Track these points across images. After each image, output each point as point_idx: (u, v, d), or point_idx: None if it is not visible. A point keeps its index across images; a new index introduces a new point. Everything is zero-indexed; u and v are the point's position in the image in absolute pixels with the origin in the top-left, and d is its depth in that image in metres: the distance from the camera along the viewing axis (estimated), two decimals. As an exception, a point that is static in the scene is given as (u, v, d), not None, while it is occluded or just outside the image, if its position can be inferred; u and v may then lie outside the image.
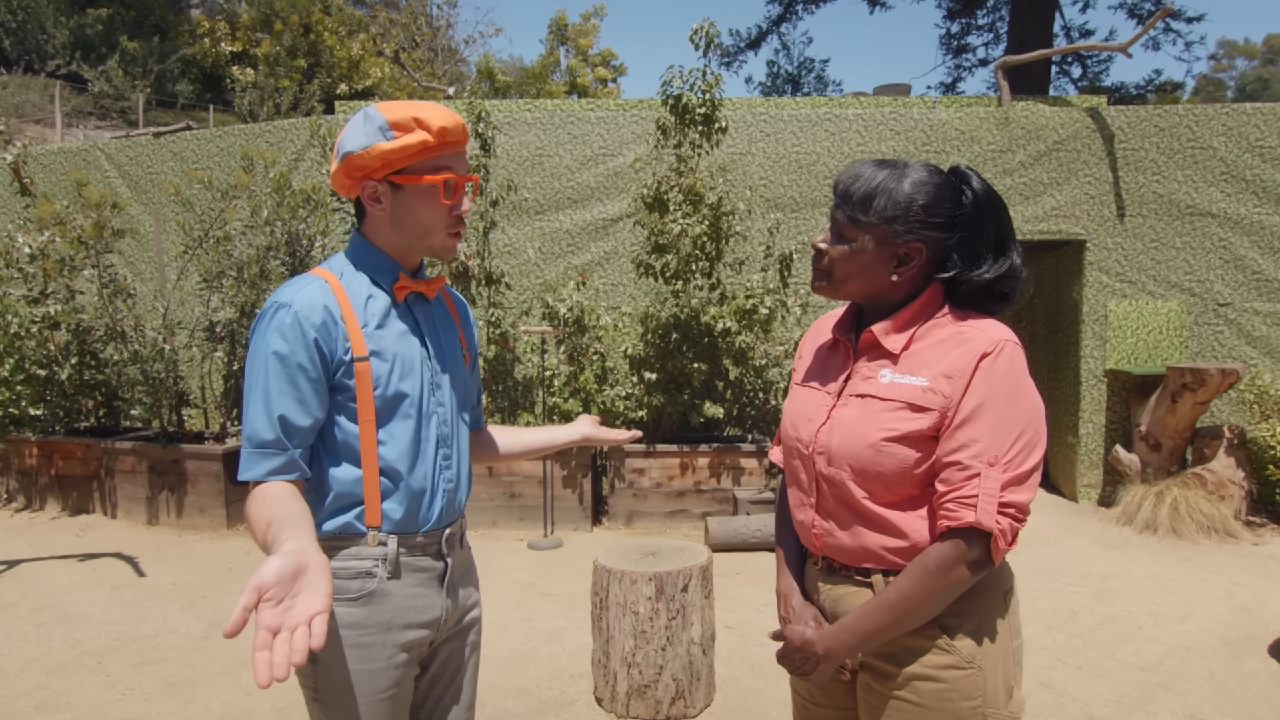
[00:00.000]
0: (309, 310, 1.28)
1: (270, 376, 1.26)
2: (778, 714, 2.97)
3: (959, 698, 1.25)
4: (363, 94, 19.16)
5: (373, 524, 1.34)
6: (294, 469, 1.28)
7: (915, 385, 1.25)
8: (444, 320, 1.50)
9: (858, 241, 1.29)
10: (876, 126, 6.37)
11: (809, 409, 1.39)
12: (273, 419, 1.26)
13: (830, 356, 1.43)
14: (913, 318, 1.31)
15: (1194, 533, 5.21)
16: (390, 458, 1.34)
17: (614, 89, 23.06)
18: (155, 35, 20.05)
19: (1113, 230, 6.27)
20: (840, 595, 1.36)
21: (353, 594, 1.33)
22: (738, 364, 5.80)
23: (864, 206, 1.27)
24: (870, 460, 1.26)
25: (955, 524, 1.19)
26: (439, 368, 1.43)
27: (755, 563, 4.77)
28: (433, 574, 1.41)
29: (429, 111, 1.30)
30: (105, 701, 3.09)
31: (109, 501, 5.85)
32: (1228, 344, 6.21)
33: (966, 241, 1.28)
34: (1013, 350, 1.23)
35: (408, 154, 1.30)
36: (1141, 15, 13.63)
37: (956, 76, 16.53)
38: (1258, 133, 6.15)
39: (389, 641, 1.34)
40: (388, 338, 1.36)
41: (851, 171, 1.30)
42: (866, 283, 1.31)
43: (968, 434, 1.20)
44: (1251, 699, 3.07)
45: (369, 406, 1.32)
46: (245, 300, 5.58)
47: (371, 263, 1.39)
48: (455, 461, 1.45)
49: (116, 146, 6.94)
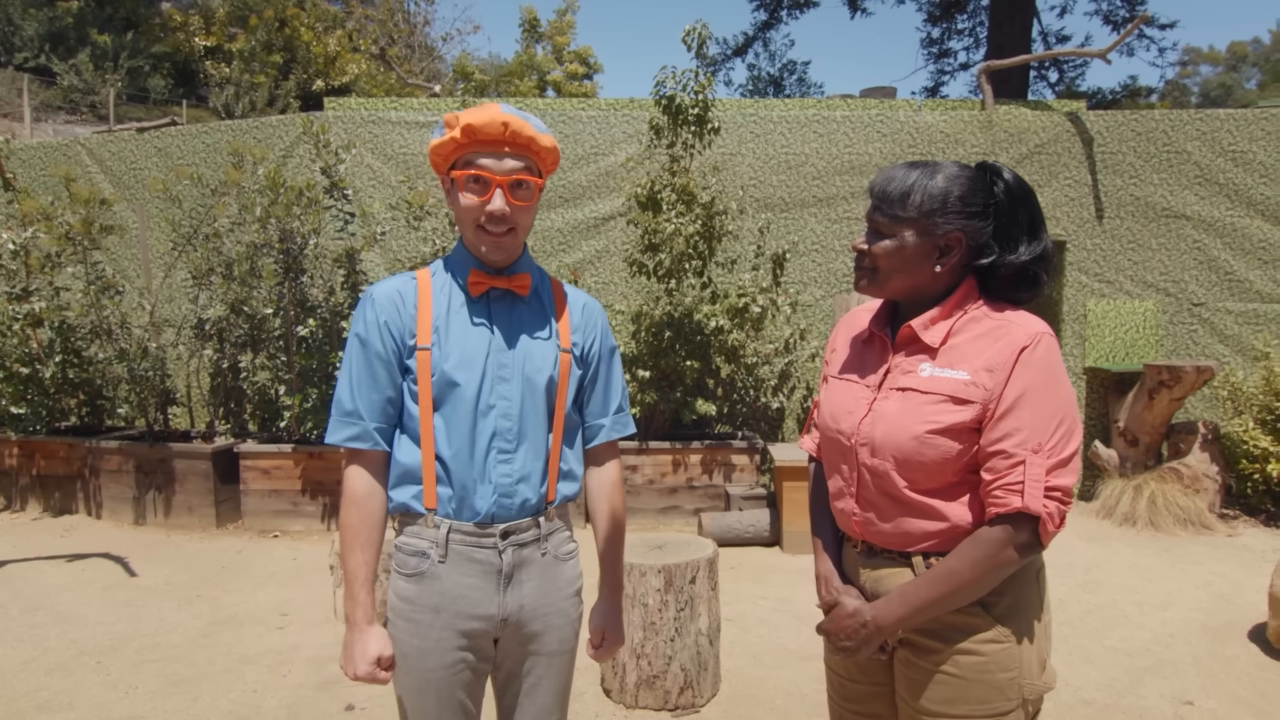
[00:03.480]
0: (384, 299, 1.43)
1: (352, 355, 1.43)
2: (782, 702, 3.04)
3: (997, 669, 1.32)
4: (340, 90, 18.96)
5: (429, 506, 1.40)
6: (368, 439, 1.40)
7: (957, 379, 1.30)
8: (535, 318, 1.50)
9: (898, 237, 1.34)
10: (864, 128, 6.48)
11: (849, 402, 1.44)
12: (352, 392, 1.41)
13: (866, 350, 1.48)
14: (949, 311, 1.36)
15: (1171, 525, 5.37)
16: (443, 444, 1.40)
17: (589, 86, 22.98)
18: (127, 29, 19.68)
19: (1092, 232, 6.43)
20: (881, 576, 1.41)
21: (410, 570, 1.41)
22: (729, 362, 5.87)
23: (902, 203, 1.33)
24: (914, 451, 1.31)
25: (1004, 510, 1.25)
26: (509, 363, 1.44)
27: (749, 558, 4.84)
28: (489, 568, 1.42)
29: (472, 110, 1.37)
30: (109, 701, 3.06)
31: (94, 502, 5.76)
32: (1201, 342, 6.40)
33: (1003, 228, 1.34)
34: (1049, 342, 1.30)
35: (444, 151, 1.39)
36: (1117, 22, 13.96)
37: (938, 80, 16.79)
38: (1230, 137, 6.34)
39: (438, 624, 1.40)
40: (453, 329, 1.42)
41: (885, 174, 1.36)
42: (910, 277, 1.36)
43: (1011, 424, 1.26)
44: (1235, 682, 3.20)
45: (427, 392, 1.40)
46: (235, 297, 5.54)
47: (457, 259, 1.49)
48: (520, 459, 1.44)
49: (99, 141, 6.83)
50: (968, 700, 1.33)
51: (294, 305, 5.47)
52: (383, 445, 1.42)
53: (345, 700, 3.04)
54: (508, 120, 1.36)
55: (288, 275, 5.42)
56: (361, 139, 6.39)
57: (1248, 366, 6.26)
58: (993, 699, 1.32)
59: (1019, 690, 1.32)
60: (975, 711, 1.32)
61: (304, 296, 5.50)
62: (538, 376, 1.46)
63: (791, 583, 4.39)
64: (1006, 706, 1.32)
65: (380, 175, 6.47)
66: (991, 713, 1.32)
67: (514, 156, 1.39)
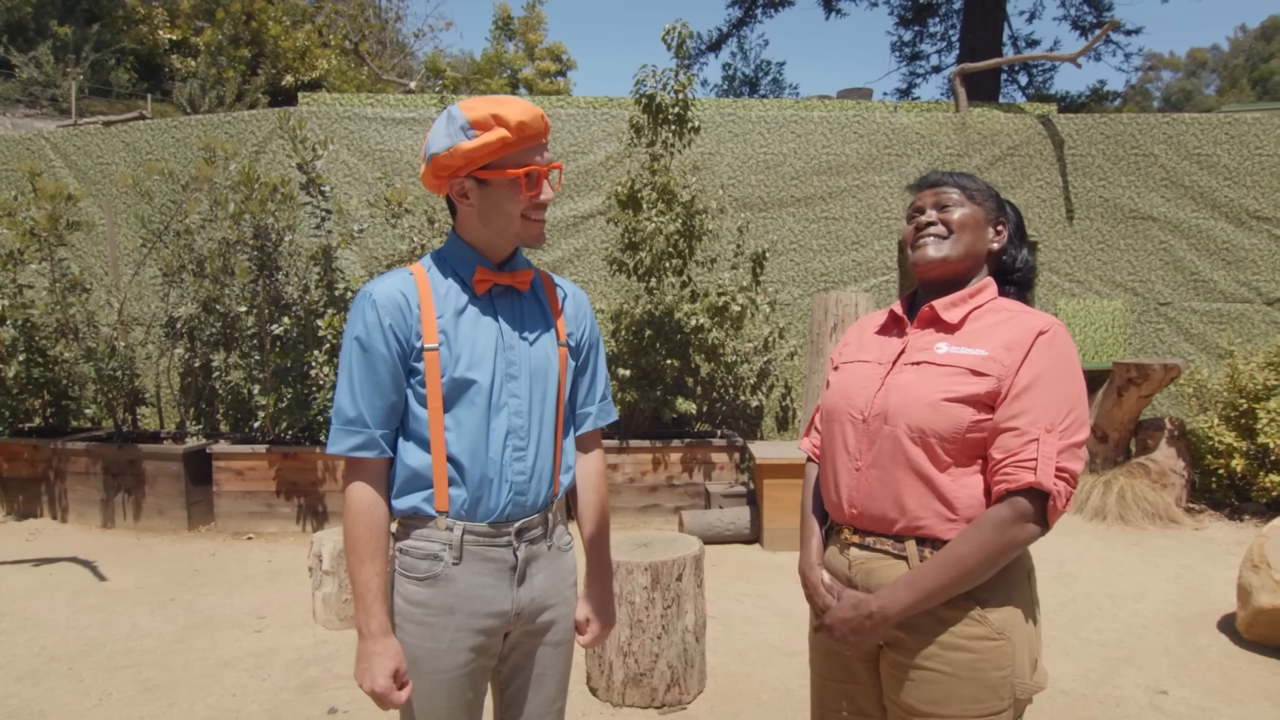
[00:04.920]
0: (386, 299, 1.36)
1: (352, 359, 1.36)
2: (768, 698, 3.05)
3: (990, 667, 1.31)
4: (310, 85, 18.66)
5: (441, 509, 1.38)
6: (374, 447, 1.36)
7: (975, 354, 1.35)
8: (535, 314, 1.49)
9: (966, 206, 1.45)
10: (841, 129, 6.54)
11: (860, 378, 1.48)
12: (354, 398, 1.35)
13: (881, 338, 1.53)
14: (971, 297, 1.43)
15: (1140, 519, 5.49)
16: (456, 445, 1.37)
17: (562, 84, 22.86)
18: (89, 21, 19.20)
19: (1062, 232, 6.56)
20: (874, 568, 1.41)
21: (420, 574, 1.38)
22: (709, 360, 5.89)
23: (967, 181, 1.46)
24: (927, 419, 1.33)
25: (1014, 486, 1.26)
26: (517, 360, 1.43)
27: (729, 555, 4.86)
28: (503, 565, 1.41)
29: (508, 107, 1.33)
30: (81, 708, 2.99)
31: (59, 505, 5.62)
32: (1168, 341, 6.56)
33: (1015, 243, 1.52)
34: (1065, 333, 1.34)
35: (489, 151, 1.34)
36: (1084, 27, 14.27)
37: (910, 82, 17.00)
38: (1195, 141, 6.51)
39: (451, 625, 1.38)
40: (461, 328, 1.39)
41: (937, 171, 1.51)
42: (975, 242, 1.45)
43: (1025, 403, 1.29)
44: (1206, 671, 3.28)
45: (437, 393, 1.37)
46: (208, 295, 5.43)
47: (457, 256, 1.44)
48: (531, 455, 1.44)
49: (63, 135, 6.66)
50: (959, 699, 1.32)
51: (268, 303, 5.37)
52: (389, 452, 1.39)
53: (328, 703, 3.00)
54: (541, 112, 1.38)
55: (262, 272, 5.33)
56: (337, 135, 6.31)
57: (1212, 364, 6.42)
58: (985, 698, 1.31)
59: (1011, 689, 1.32)
60: (967, 711, 1.31)
61: (278, 294, 5.41)
62: (544, 372, 1.46)
63: (773, 579, 4.42)
64: (999, 706, 1.31)
65: (356, 172, 6.39)
66: (983, 712, 1.31)
67: (547, 146, 1.42)
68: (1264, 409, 5.40)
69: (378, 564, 1.36)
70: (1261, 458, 5.47)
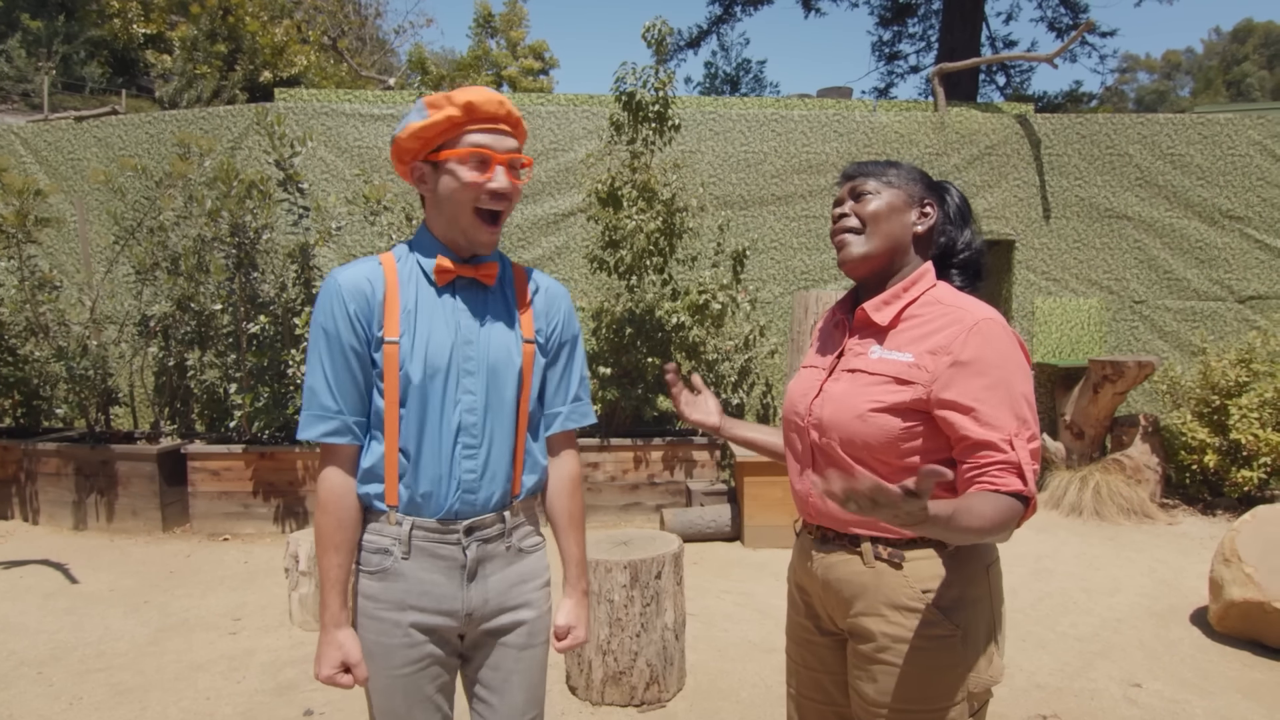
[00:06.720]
0: (350, 286, 1.36)
1: (318, 346, 1.36)
2: (747, 694, 3.06)
3: (941, 663, 1.32)
4: (289, 81, 18.46)
5: (391, 503, 1.37)
6: (346, 433, 1.36)
7: (901, 361, 1.34)
8: (500, 308, 1.46)
9: (882, 194, 1.41)
10: (821, 128, 6.56)
11: (805, 385, 1.50)
12: (323, 383, 1.34)
13: (831, 336, 1.54)
14: (904, 292, 1.41)
15: (1115, 514, 5.57)
16: (405, 439, 1.36)
17: (545, 81, 22.78)
18: (61, 14, 18.86)
19: (1039, 231, 6.63)
20: (833, 563, 1.43)
21: (373, 568, 1.38)
22: (690, 358, 5.89)
23: (885, 170, 1.43)
24: (857, 430, 1.35)
25: (1005, 490, 1.24)
26: (474, 355, 1.40)
27: (711, 552, 4.86)
28: (452, 563, 1.40)
29: (465, 90, 1.33)
30: (51, 712, 2.93)
31: (30, 507, 5.52)
32: (1142, 338, 6.65)
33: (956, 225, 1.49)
34: (998, 324, 1.32)
35: (438, 130, 1.33)
36: (1061, 29, 14.42)
37: (889, 82, 17.10)
38: (1169, 141, 6.60)
39: (403, 620, 1.37)
40: (420, 321, 1.37)
41: (858, 162, 1.46)
42: (894, 231, 1.41)
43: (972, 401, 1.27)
44: (1179, 663, 3.32)
45: (394, 386, 1.35)
46: (182, 293, 5.35)
47: (423, 246, 1.43)
48: (484, 454, 1.40)
49: (33, 130, 6.53)
50: (909, 692, 1.32)
51: (244, 301, 5.31)
52: (360, 439, 1.37)
53: (303, 705, 2.97)
54: (504, 99, 1.36)
55: (238, 270, 5.26)
56: (314, 131, 6.24)
57: (1186, 361, 6.52)
58: (936, 692, 1.31)
59: (964, 684, 1.32)
60: (917, 705, 1.32)
61: (255, 292, 5.34)
62: (503, 369, 1.42)
63: (754, 577, 4.43)
64: (950, 700, 1.31)
65: (334, 168, 6.32)
66: (933, 706, 1.32)
67: (510, 135, 1.38)
68: (1236, 405, 5.49)
69: (341, 555, 1.35)
70: (1234, 453, 5.56)
